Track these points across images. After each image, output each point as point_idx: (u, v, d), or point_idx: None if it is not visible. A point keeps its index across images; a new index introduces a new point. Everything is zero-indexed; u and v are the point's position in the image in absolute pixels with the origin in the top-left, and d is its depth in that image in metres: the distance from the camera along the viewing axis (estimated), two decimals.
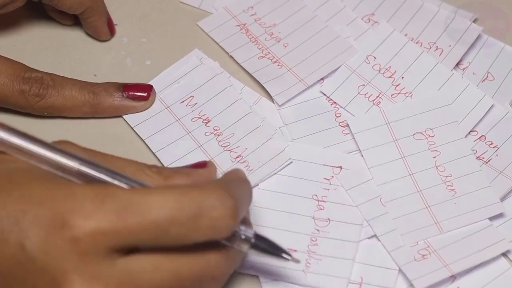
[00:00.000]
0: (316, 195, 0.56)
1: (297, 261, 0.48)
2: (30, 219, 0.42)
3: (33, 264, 0.42)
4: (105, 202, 0.42)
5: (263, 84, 0.61)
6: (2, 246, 0.42)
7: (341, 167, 0.57)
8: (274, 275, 0.53)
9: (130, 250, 0.43)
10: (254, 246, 0.47)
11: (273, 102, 0.60)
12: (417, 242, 0.53)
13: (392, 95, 0.60)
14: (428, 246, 0.53)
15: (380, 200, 0.55)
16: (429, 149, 0.57)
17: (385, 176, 0.57)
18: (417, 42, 0.63)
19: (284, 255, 0.47)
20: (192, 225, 0.43)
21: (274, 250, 0.47)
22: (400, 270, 0.53)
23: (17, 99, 0.57)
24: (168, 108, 0.60)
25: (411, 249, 0.53)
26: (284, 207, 0.55)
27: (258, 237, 0.47)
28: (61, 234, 0.41)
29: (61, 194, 0.42)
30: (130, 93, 0.59)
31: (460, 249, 0.53)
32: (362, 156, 0.57)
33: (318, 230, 0.54)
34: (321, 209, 0.55)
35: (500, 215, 0.55)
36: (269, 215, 0.55)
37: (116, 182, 0.44)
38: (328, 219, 0.55)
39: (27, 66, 0.57)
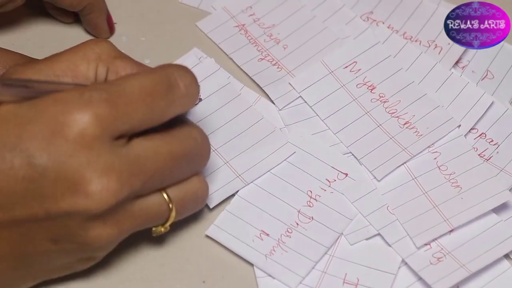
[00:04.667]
0: (310, 191, 0.56)
1: None
2: (27, 138, 0.42)
3: (47, 177, 0.42)
4: (92, 95, 0.43)
5: (263, 88, 0.61)
6: (9, 172, 0.42)
7: (347, 174, 0.57)
8: (238, 252, 0.53)
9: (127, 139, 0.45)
10: None
11: (273, 103, 0.60)
12: (430, 246, 0.53)
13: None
14: (442, 249, 0.53)
15: (387, 208, 0.55)
16: (429, 151, 0.57)
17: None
18: (416, 40, 0.63)
19: None
20: (170, 97, 0.45)
21: None
22: (397, 274, 0.53)
23: None
24: None
25: (425, 254, 0.53)
26: (276, 192, 0.55)
27: None
28: (63, 136, 0.42)
29: (46, 105, 0.43)
30: None
31: (473, 248, 0.53)
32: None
33: (297, 224, 0.54)
34: (309, 206, 0.55)
35: (507, 210, 0.55)
36: (257, 194, 0.55)
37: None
38: (312, 217, 0.54)
39: (28, 57, 0.56)
